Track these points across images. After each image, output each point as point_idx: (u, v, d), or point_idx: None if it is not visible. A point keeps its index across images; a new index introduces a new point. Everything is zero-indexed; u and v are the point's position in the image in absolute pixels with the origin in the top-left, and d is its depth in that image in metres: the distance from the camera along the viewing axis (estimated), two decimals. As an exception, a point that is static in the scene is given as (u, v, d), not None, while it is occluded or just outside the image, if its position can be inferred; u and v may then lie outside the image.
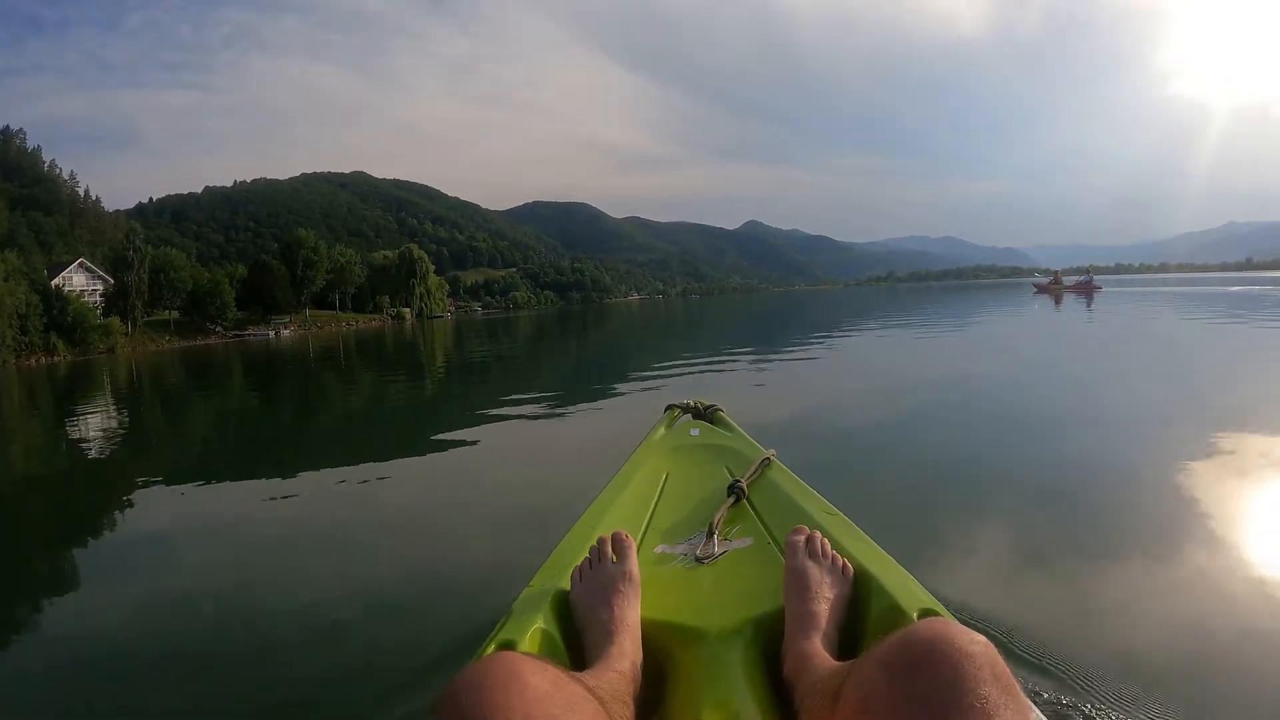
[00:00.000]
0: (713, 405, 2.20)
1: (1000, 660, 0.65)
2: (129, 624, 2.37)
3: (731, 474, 1.64)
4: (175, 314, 52.16)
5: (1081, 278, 42.58)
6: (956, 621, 0.70)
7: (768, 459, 1.68)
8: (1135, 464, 3.62)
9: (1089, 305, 21.82)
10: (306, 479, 4.44)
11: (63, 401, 12.64)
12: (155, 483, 4.86)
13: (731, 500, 1.49)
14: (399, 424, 7.04)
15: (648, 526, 1.46)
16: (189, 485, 4.63)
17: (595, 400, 7.19)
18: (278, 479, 4.52)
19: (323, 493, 4.07)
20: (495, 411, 6.76)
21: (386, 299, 77.10)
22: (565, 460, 4.55)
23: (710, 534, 1.35)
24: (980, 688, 0.61)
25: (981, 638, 0.66)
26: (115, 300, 47.08)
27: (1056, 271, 47.47)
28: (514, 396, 8.16)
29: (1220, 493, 2.98)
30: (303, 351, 24.24)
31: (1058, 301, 25.60)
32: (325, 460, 5.07)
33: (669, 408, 2.24)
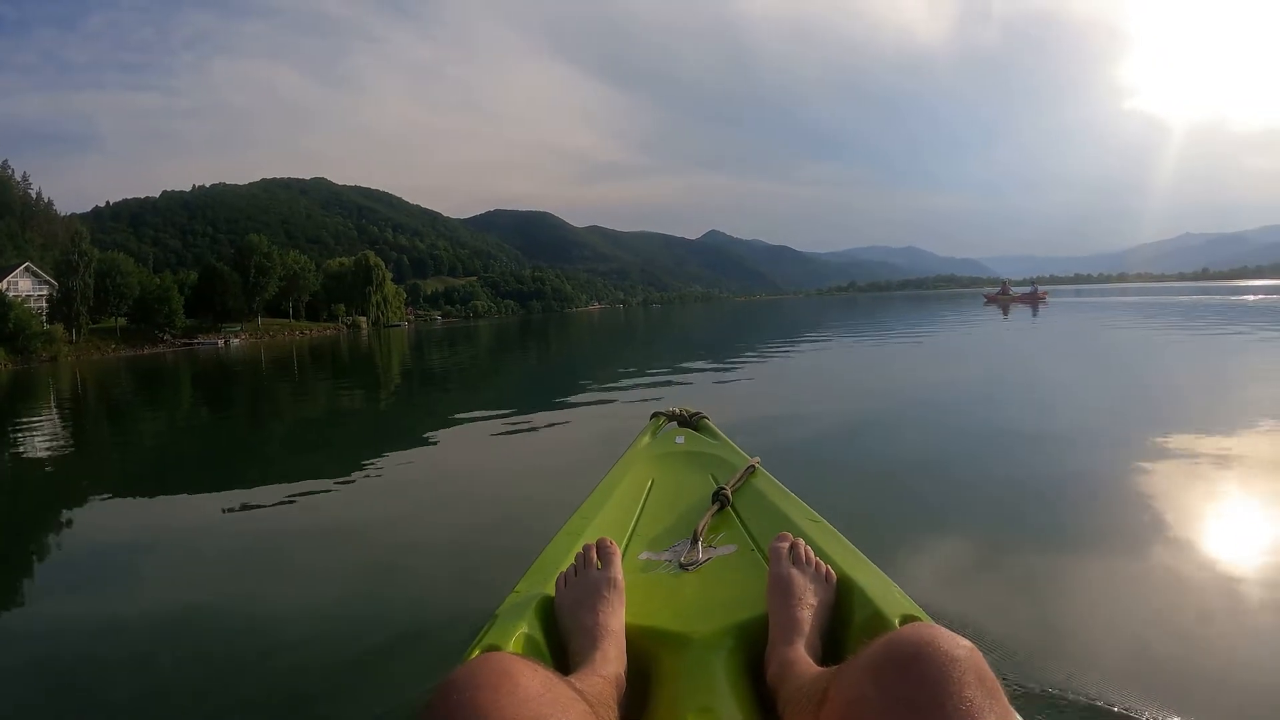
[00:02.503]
0: (698, 413, 2.21)
1: (985, 664, 0.66)
2: (85, 637, 2.28)
3: (716, 481, 1.65)
4: (122, 321, 50.47)
5: (1027, 288, 43.97)
6: (941, 626, 0.71)
7: (752, 466, 1.69)
8: (1087, 466, 3.75)
9: (1034, 315, 22.58)
10: (266, 491, 4.32)
11: (2, 411, 12.12)
12: (104, 495, 4.68)
13: (716, 507, 1.49)
14: (362, 436, 6.89)
15: (632, 533, 1.47)
16: (140, 498, 4.49)
17: (569, 410, 7.15)
18: (236, 491, 4.39)
19: (284, 505, 3.96)
20: (465, 422, 6.68)
21: (342, 307, 75.70)
22: (545, 468, 4.51)
23: (695, 541, 1.35)
24: (965, 690, 0.62)
25: (967, 642, 0.67)
26: (60, 306, 45.38)
27: (1005, 281, 48.84)
28: (483, 406, 8.05)
29: (1174, 493, 3.11)
30: (254, 362, 23.62)
31: (1005, 311, 26.29)
32: (284, 473, 4.95)
33: (655, 415, 2.24)
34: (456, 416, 7.16)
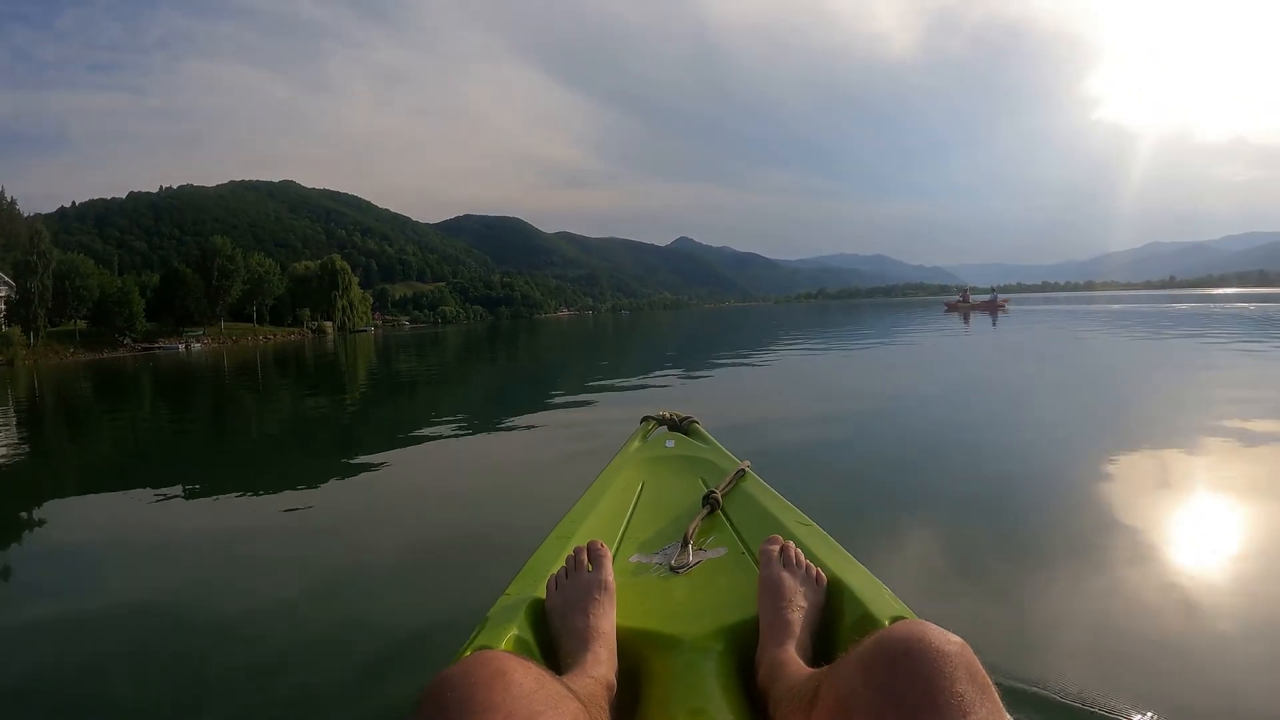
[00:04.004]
0: (688, 417, 2.22)
1: (976, 660, 0.66)
2: (50, 641, 2.21)
3: (706, 485, 1.66)
4: (82, 324, 49.18)
5: (987, 296, 45.00)
6: (931, 623, 0.71)
7: (743, 470, 1.70)
8: (1072, 467, 3.82)
9: (994, 322, 23.08)
10: (241, 497, 4.22)
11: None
12: (65, 499, 4.55)
13: (706, 511, 1.50)
14: (340, 441, 6.73)
15: (623, 536, 1.47)
16: (107, 500, 4.36)
17: (552, 413, 7.10)
18: (210, 496, 4.31)
19: (264, 510, 3.89)
20: (445, 425, 6.59)
21: (307, 312, 74.60)
22: (532, 472, 4.47)
23: (685, 543, 1.36)
24: (956, 686, 0.62)
25: (957, 638, 0.67)
26: (18, 308, 44.07)
27: (965, 290, 49.85)
28: (462, 411, 7.97)
29: (1161, 493, 3.20)
30: (218, 367, 23.13)
31: (966, 319, 26.69)
32: (259, 478, 4.85)
33: (645, 419, 2.25)
34: (436, 421, 7.08)
